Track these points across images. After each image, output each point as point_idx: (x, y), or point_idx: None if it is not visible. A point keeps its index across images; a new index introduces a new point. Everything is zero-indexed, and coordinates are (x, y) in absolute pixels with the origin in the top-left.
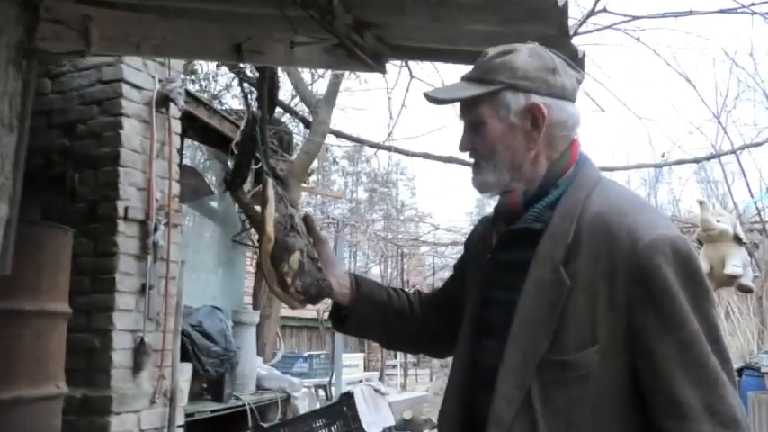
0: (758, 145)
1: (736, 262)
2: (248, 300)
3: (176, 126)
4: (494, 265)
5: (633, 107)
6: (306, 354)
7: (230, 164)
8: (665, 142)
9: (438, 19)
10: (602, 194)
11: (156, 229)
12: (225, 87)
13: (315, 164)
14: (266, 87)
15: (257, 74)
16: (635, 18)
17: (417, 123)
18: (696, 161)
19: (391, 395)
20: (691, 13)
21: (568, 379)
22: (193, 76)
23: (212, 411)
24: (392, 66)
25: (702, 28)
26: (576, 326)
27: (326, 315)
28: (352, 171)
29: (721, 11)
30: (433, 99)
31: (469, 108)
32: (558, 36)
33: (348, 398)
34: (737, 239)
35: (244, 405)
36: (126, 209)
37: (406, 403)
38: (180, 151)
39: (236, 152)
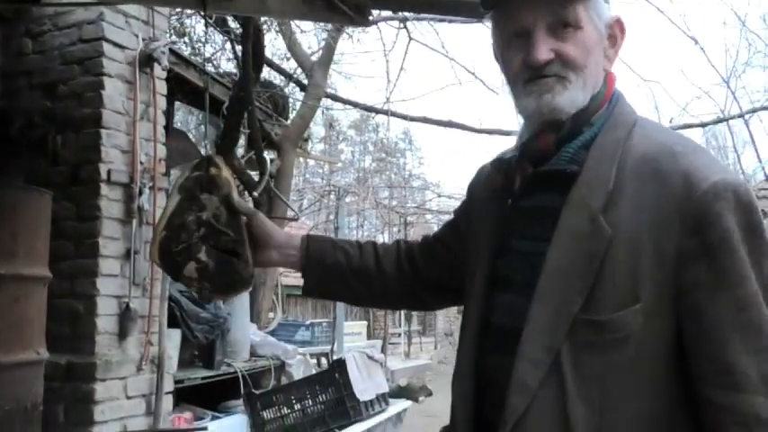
0: (766, 108)
1: None
2: None
3: (161, 87)
4: (515, 212)
5: (638, 69)
6: (308, 322)
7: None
8: (672, 106)
9: None
10: (644, 134)
11: (141, 193)
12: (218, 49)
13: (313, 130)
14: (250, 44)
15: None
16: None
17: (418, 88)
18: (703, 125)
19: (395, 363)
20: None
21: (605, 341)
22: (185, 38)
23: (203, 378)
24: (389, 27)
25: None
26: (616, 282)
27: None
28: (359, 140)
29: None
30: None
31: (563, 5)
32: None
33: (340, 365)
34: None
35: (236, 372)
36: (109, 172)
37: (409, 371)
38: (168, 114)
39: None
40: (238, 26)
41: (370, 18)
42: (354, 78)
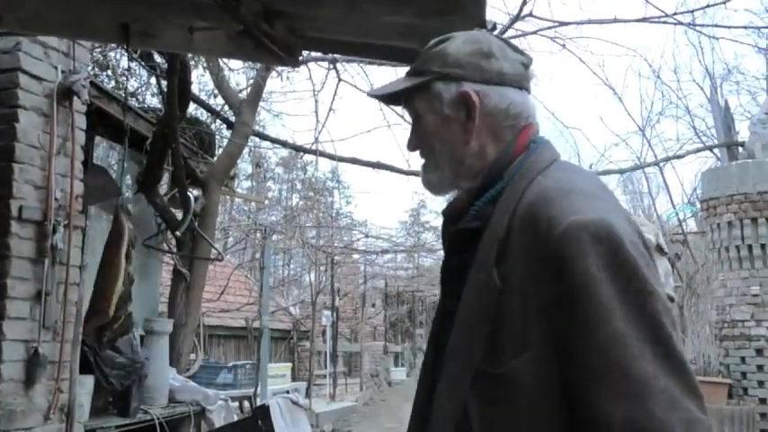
0: (680, 157)
1: (659, 272)
2: (165, 308)
3: (80, 121)
4: (446, 271)
5: (560, 116)
6: (231, 364)
7: None
8: (591, 152)
9: (354, 10)
10: (541, 181)
11: (54, 231)
12: (143, 84)
13: (240, 167)
14: (176, 80)
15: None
16: (561, 24)
17: (347, 128)
18: (621, 172)
19: (320, 406)
20: (615, 20)
21: (502, 392)
22: (108, 72)
23: (117, 427)
24: (319, 67)
25: (629, 39)
26: (509, 332)
27: (255, 324)
28: (287, 178)
29: (644, 19)
30: (372, 95)
31: (407, 103)
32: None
33: (263, 411)
34: (660, 249)
35: (153, 419)
36: (20, 208)
37: (334, 414)
38: (88, 149)
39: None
40: (164, 61)
41: (300, 58)
42: (283, 116)
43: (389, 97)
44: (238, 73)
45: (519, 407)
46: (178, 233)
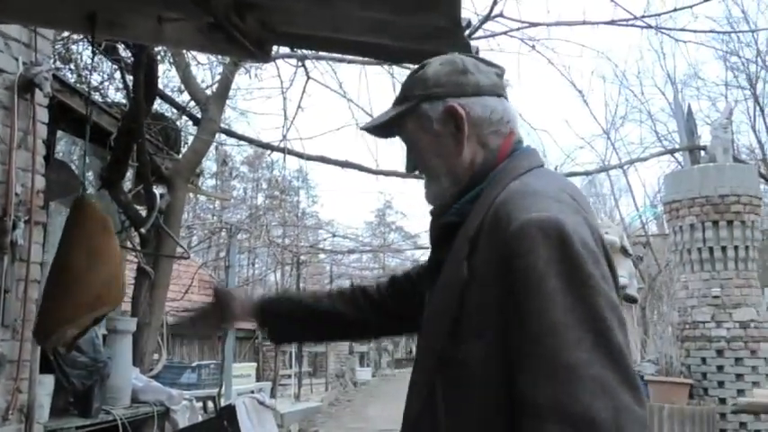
0: (644, 160)
1: (623, 273)
2: (127, 307)
3: (42, 114)
4: (430, 265)
5: (527, 117)
6: (194, 363)
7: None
8: (558, 154)
9: (327, 5)
10: (513, 184)
11: (15, 227)
12: (107, 78)
13: (205, 165)
14: (142, 74)
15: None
16: (531, 25)
17: (315, 127)
18: (587, 173)
19: (285, 406)
20: (584, 22)
21: (460, 374)
22: (71, 65)
23: (77, 428)
24: (287, 65)
25: (596, 43)
26: (470, 321)
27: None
28: (252, 177)
29: (613, 21)
30: (367, 129)
31: (400, 130)
32: (450, 28)
33: (229, 411)
34: (624, 251)
35: (115, 420)
36: None
37: (299, 414)
38: (50, 143)
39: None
40: (130, 55)
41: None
42: (248, 114)
43: (382, 130)
44: (205, 69)
45: (472, 389)
46: (143, 230)
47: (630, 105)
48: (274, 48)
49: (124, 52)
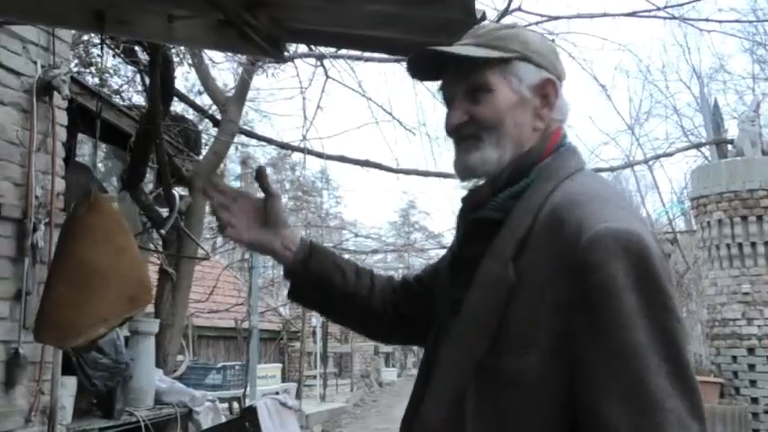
0: (670, 155)
1: None
2: (150, 308)
3: (61, 117)
4: (458, 260)
5: None
6: (220, 365)
7: None
8: (582, 151)
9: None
10: (566, 187)
11: (35, 229)
12: (127, 81)
13: (229, 167)
14: (158, 75)
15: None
16: (550, 19)
17: (335, 127)
18: (612, 169)
19: (310, 406)
20: (605, 14)
21: (504, 386)
22: (92, 69)
23: (100, 429)
24: (306, 64)
25: (618, 36)
26: (518, 328)
27: (244, 324)
28: (276, 179)
29: (634, 13)
30: (434, 53)
31: (473, 72)
32: (464, 19)
33: (251, 413)
34: None
35: (138, 421)
36: None
37: (324, 414)
38: (70, 146)
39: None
40: (147, 56)
41: (286, 54)
42: (272, 117)
43: (435, 67)
44: (224, 71)
45: (519, 403)
46: (163, 231)
47: (655, 100)
48: (292, 47)
49: (142, 54)
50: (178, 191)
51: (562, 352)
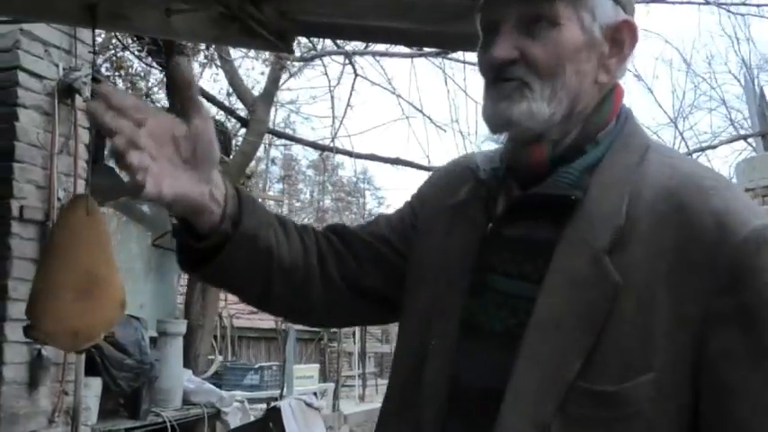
0: (713, 147)
1: None
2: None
3: (84, 119)
4: (496, 240)
5: None
6: (257, 365)
7: None
8: None
9: None
10: (664, 162)
11: None
12: (156, 84)
13: (271, 170)
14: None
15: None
16: None
17: (366, 124)
18: None
19: (348, 407)
20: (637, 1)
21: (608, 419)
22: (121, 72)
23: (126, 430)
24: (335, 63)
25: (658, 26)
26: (623, 344)
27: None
28: (318, 180)
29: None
30: None
31: (541, 4)
32: (476, 5)
33: (274, 413)
34: None
35: (164, 422)
36: (21, 208)
37: (363, 415)
38: (96, 148)
39: None
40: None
41: (312, 52)
42: (312, 118)
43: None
44: (252, 72)
45: None
46: None
47: (700, 92)
48: (319, 44)
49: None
50: None
51: (686, 375)
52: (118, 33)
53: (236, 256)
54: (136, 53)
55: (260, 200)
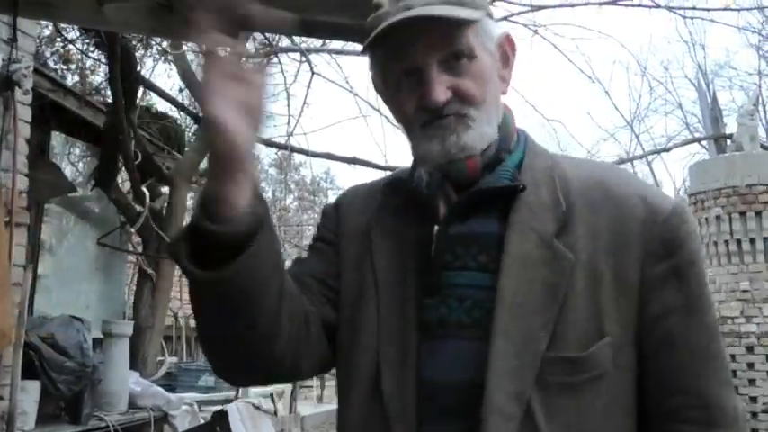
0: (667, 150)
1: None
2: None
3: (24, 113)
4: (446, 240)
5: (545, 109)
6: None
7: None
8: (576, 147)
9: None
10: (575, 162)
11: None
12: (106, 78)
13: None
14: (118, 67)
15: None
16: (533, 9)
17: (322, 123)
18: None
19: (306, 408)
20: (587, 3)
21: (579, 382)
22: (69, 65)
23: None
24: (292, 60)
25: (616, 30)
26: (579, 315)
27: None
28: (280, 179)
29: (614, 2)
30: (414, 18)
31: (453, 37)
32: None
33: (221, 416)
34: None
35: (107, 426)
36: None
37: (322, 416)
38: (41, 143)
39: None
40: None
41: (268, 48)
42: (274, 116)
43: (446, 18)
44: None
45: (600, 396)
46: (132, 230)
47: (655, 96)
48: (277, 41)
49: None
50: (161, 189)
51: (632, 335)
52: (58, 24)
53: (265, 252)
54: (77, 48)
55: None
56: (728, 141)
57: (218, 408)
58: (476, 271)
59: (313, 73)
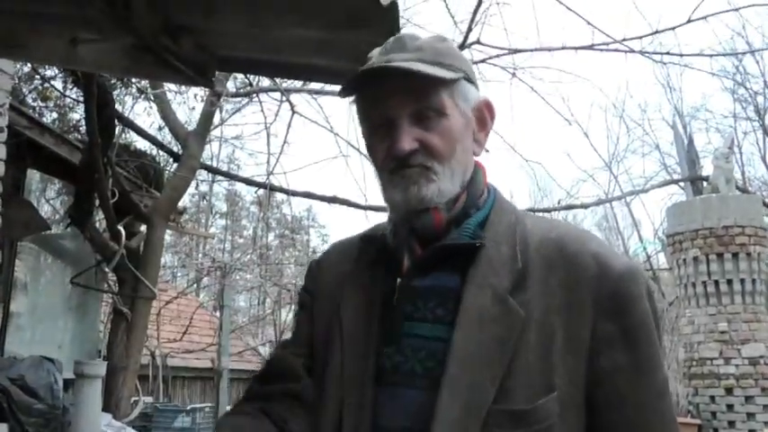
0: (645, 191)
1: None
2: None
3: (0, 150)
4: (406, 292)
5: (524, 150)
6: (189, 407)
7: None
8: (554, 188)
9: (256, 24)
10: (537, 220)
11: None
12: (84, 116)
13: (216, 205)
14: (94, 104)
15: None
16: (510, 52)
17: (303, 162)
18: (584, 206)
19: None
20: (564, 47)
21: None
22: (47, 103)
23: None
24: (272, 99)
25: (593, 72)
26: (528, 370)
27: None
28: (261, 217)
29: (591, 46)
30: (387, 69)
31: (426, 93)
32: None
33: None
34: None
35: None
36: None
37: None
38: (17, 181)
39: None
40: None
41: (249, 87)
42: (257, 155)
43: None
44: (185, 106)
45: None
46: (107, 269)
47: (634, 137)
48: (257, 81)
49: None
50: (139, 228)
51: (581, 391)
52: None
53: None
54: (52, 86)
55: (190, 235)
56: (705, 183)
57: None
58: (432, 323)
59: (293, 112)
